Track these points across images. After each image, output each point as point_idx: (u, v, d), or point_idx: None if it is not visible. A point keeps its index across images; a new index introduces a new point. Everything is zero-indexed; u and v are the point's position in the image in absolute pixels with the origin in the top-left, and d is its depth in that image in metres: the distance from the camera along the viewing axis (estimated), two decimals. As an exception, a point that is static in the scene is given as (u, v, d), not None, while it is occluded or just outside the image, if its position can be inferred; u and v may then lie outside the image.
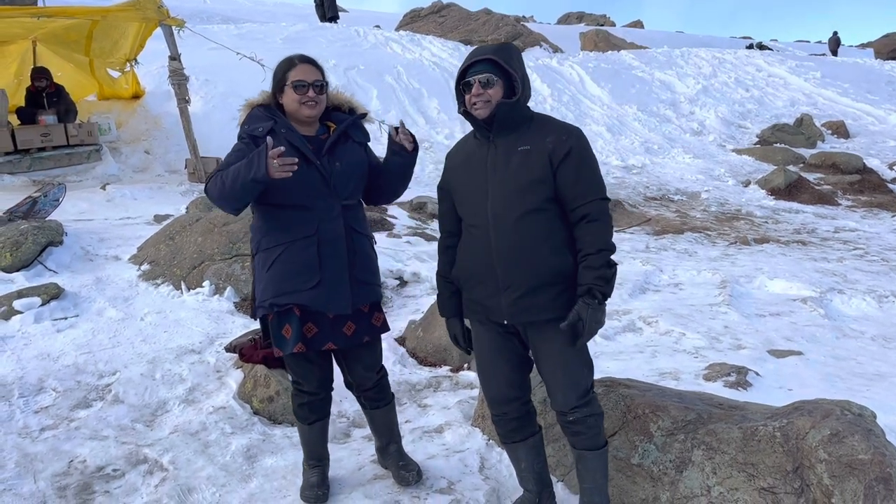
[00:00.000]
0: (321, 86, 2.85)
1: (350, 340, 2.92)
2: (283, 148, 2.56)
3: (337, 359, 3.07)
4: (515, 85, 2.58)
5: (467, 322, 2.88)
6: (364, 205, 3.06)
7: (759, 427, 2.80)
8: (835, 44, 35.61)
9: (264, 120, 2.83)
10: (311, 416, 3.06)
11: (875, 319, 6.04)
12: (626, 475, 2.96)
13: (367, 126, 3.08)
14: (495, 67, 2.55)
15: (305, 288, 2.78)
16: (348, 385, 3.15)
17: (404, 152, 2.94)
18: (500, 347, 2.75)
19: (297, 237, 2.78)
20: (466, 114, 2.65)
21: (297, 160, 2.55)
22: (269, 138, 2.58)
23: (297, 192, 2.77)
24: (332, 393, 3.16)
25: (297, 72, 2.82)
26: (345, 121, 2.95)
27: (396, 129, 2.93)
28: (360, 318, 2.94)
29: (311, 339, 2.85)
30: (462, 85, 2.62)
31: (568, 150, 2.53)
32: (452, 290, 2.86)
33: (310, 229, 2.78)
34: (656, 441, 2.96)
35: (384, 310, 3.19)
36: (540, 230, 2.55)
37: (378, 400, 3.15)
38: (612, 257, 2.55)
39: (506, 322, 2.65)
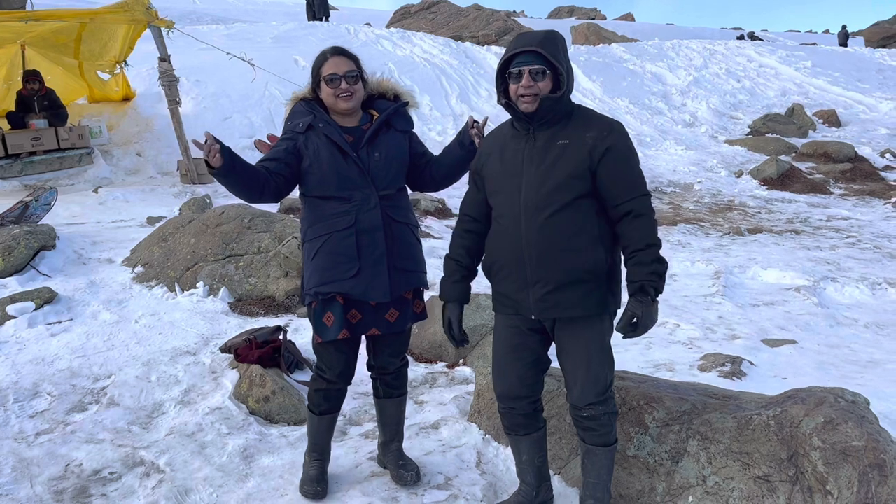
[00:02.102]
0: (356, 76, 2.88)
1: (393, 327, 2.98)
2: (200, 140, 2.57)
3: (367, 342, 3.11)
4: (561, 78, 2.52)
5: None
6: (409, 192, 3.09)
7: (753, 416, 2.81)
8: (843, 37, 35.65)
9: (304, 115, 2.90)
10: (324, 404, 3.08)
11: (868, 307, 6.07)
12: (622, 467, 2.97)
13: (413, 113, 3.11)
14: (543, 59, 2.49)
15: (345, 277, 2.84)
16: (370, 367, 3.18)
17: (472, 147, 2.96)
18: (519, 345, 2.73)
19: (336, 228, 2.84)
20: (507, 105, 2.61)
21: (214, 140, 2.56)
22: (206, 134, 2.60)
23: (335, 184, 2.84)
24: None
25: (328, 65, 2.87)
26: (387, 109, 2.98)
27: (476, 121, 2.94)
28: (404, 304, 2.99)
29: (356, 324, 2.92)
30: (507, 74, 2.56)
31: (609, 146, 2.49)
32: (461, 276, 2.83)
33: (348, 220, 2.84)
34: (651, 432, 2.98)
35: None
36: (573, 225, 2.51)
37: (395, 388, 3.19)
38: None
39: (533, 317, 2.64)
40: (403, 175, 3.01)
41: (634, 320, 2.45)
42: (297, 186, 2.98)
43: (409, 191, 3.15)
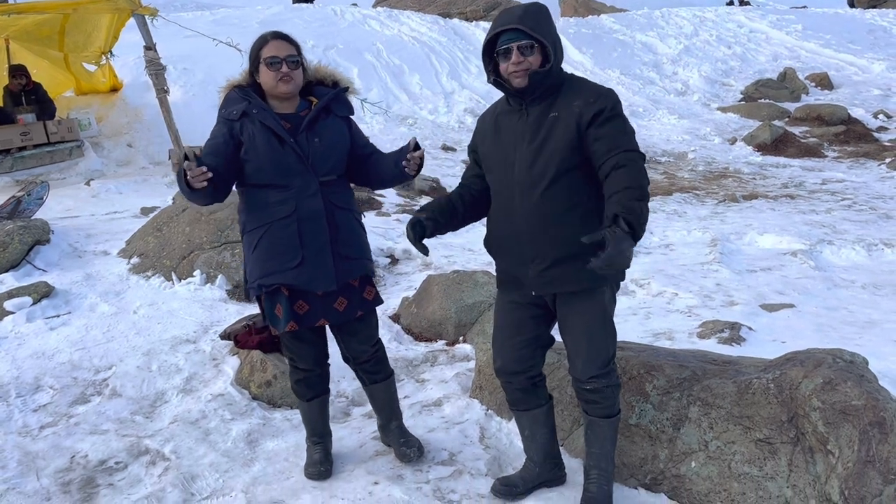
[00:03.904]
0: (295, 61, 2.82)
1: (342, 316, 2.94)
2: (188, 163, 2.50)
3: (333, 333, 3.08)
4: (548, 52, 2.49)
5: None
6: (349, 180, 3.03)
7: (752, 380, 2.83)
8: None
9: (238, 102, 2.83)
10: (308, 392, 3.09)
11: (865, 268, 6.09)
12: (625, 435, 2.99)
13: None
14: (526, 34, 2.45)
15: (288, 267, 2.79)
16: (346, 359, 3.16)
17: (405, 172, 2.85)
18: (517, 321, 2.74)
19: (276, 217, 2.78)
20: (497, 83, 2.57)
21: (205, 170, 2.52)
22: (186, 149, 2.56)
23: (273, 172, 2.77)
24: (331, 371, 3.18)
25: (269, 48, 2.80)
26: (326, 95, 2.92)
27: (418, 147, 2.80)
28: (351, 292, 2.94)
29: (303, 316, 2.88)
30: (495, 53, 2.53)
31: (595, 112, 2.45)
32: (448, 201, 2.73)
33: (289, 208, 2.78)
34: (652, 400, 2.99)
35: (377, 287, 3.17)
36: (567, 200, 2.49)
37: (376, 373, 3.16)
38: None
39: (533, 293, 2.64)
40: (344, 162, 2.93)
41: (601, 245, 2.20)
42: None
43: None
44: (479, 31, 18.62)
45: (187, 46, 12.07)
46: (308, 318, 2.88)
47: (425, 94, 14.57)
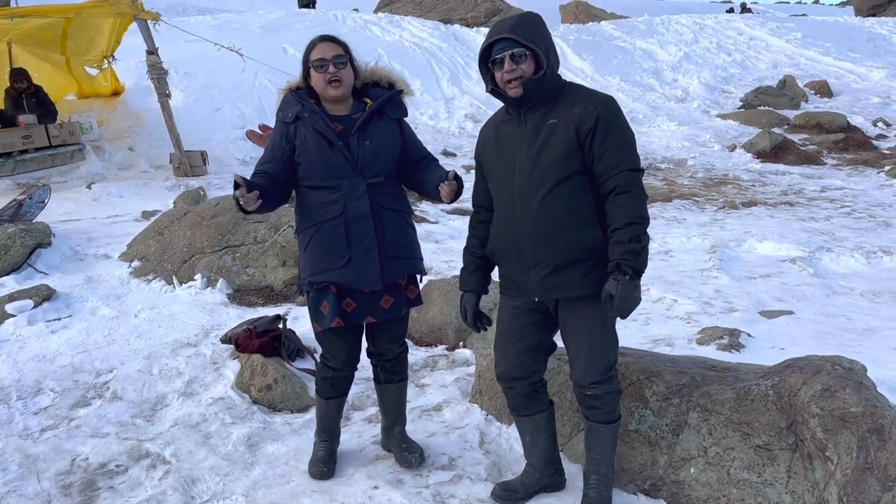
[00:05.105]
0: (344, 61, 2.89)
1: (388, 313, 3.00)
2: (239, 191, 2.62)
3: (365, 329, 3.13)
4: (540, 59, 2.51)
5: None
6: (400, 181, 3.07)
7: (752, 387, 2.84)
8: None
9: (293, 105, 2.91)
10: (331, 391, 3.13)
11: (864, 275, 6.10)
12: (624, 441, 3.00)
13: (406, 99, 3.08)
14: (519, 42, 2.49)
15: (336, 266, 2.87)
16: (370, 354, 3.20)
17: (442, 197, 2.87)
18: (520, 327, 2.76)
19: (326, 218, 2.87)
20: (494, 92, 2.61)
21: (257, 194, 2.64)
22: (235, 177, 2.65)
23: (323, 174, 2.86)
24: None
25: (316, 51, 2.88)
26: (380, 97, 2.97)
27: (457, 178, 2.79)
28: (397, 291, 3.00)
29: (351, 313, 2.94)
30: (490, 62, 2.57)
31: (595, 121, 2.48)
32: (477, 266, 2.87)
33: (337, 210, 2.85)
34: (652, 406, 3.00)
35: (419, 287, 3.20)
36: (567, 205, 2.51)
37: (394, 373, 3.21)
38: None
39: (536, 299, 2.66)
40: (394, 164, 2.98)
41: (610, 299, 2.44)
42: None
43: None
44: (479, 37, 18.66)
45: (189, 51, 12.13)
46: (355, 315, 2.95)
47: (426, 100, 14.61)
